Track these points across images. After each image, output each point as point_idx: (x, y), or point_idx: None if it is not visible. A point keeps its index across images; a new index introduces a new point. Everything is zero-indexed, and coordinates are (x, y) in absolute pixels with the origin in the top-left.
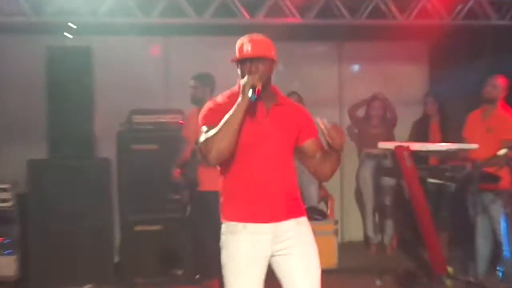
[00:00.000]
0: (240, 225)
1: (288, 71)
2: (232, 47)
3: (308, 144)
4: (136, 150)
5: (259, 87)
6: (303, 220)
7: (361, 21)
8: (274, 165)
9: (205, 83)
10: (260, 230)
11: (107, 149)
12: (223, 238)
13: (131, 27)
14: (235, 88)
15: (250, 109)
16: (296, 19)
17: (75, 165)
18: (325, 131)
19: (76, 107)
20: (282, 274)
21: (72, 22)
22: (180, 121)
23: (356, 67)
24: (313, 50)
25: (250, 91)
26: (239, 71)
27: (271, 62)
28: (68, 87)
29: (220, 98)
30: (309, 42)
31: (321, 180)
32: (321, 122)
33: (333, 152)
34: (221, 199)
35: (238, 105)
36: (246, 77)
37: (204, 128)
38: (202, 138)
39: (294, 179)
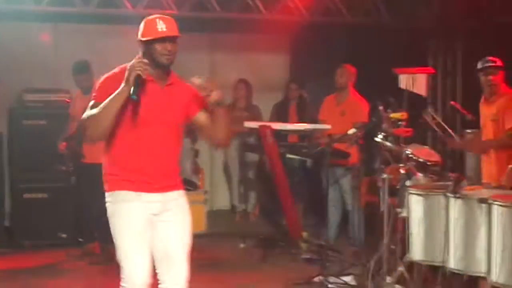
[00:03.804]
0: (133, 194)
1: None
2: (116, 36)
3: (198, 116)
4: (27, 125)
5: (145, 76)
6: (183, 193)
7: (230, 14)
8: (165, 142)
9: (85, 70)
10: (152, 199)
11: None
12: (113, 207)
13: (24, 14)
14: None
15: (147, 88)
16: (172, 11)
17: None
18: (201, 86)
19: None
20: (159, 238)
21: None
22: (67, 100)
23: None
24: (188, 40)
25: (132, 88)
26: (141, 52)
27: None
28: None
29: (116, 71)
30: (184, 34)
31: (221, 147)
32: (195, 79)
33: (216, 107)
34: (108, 170)
35: (119, 92)
36: (135, 62)
37: (91, 103)
38: (86, 113)
39: (179, 155)
